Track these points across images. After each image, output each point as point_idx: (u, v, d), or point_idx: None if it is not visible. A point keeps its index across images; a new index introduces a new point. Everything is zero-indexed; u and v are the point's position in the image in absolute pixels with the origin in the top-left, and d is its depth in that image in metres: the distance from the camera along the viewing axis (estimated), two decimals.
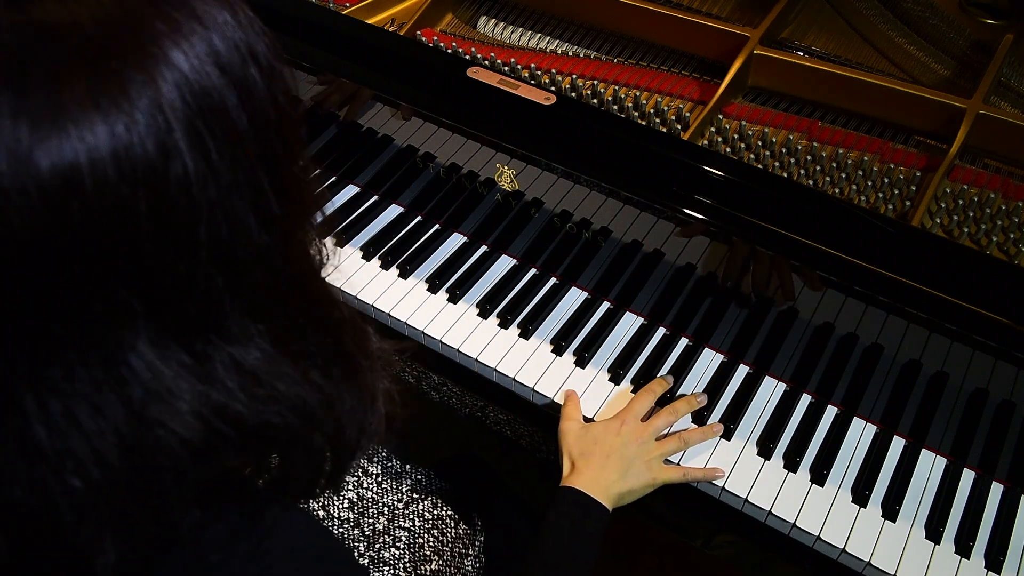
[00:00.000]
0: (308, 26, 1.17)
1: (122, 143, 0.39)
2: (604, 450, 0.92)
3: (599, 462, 0.91)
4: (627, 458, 0.92)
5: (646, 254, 1.07)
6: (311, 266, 0.52)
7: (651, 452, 0.94)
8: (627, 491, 0.92)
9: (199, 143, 0.41)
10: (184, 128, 0.41)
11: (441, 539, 1.07)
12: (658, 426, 0.96)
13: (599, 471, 0.91)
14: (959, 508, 0.93)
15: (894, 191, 1.03)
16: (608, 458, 0.91)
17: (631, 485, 0.91)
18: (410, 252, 1.19)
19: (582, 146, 1.02)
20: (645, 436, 0.94)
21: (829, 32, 1.22)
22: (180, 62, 0.41)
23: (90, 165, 0.38)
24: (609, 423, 0.95)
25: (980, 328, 0.85)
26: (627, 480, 0.91)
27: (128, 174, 0.39)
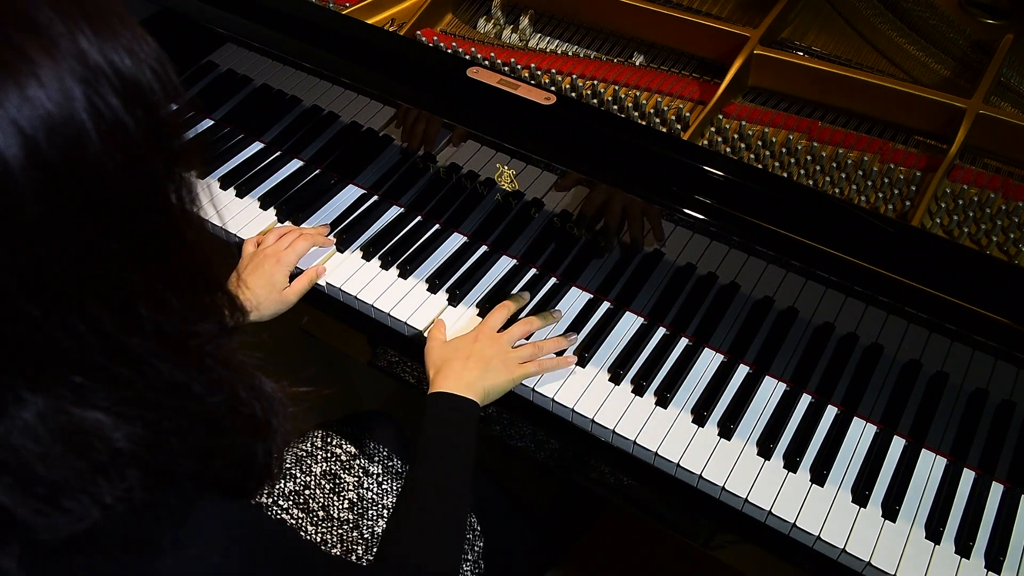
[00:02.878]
0: (308, 26, 1.17)
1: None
2: (463, 354, 0.99)
3: (460, 364, 0.97)
4: (486, 358, 0.98)
5: (646, 254, 1.07)
6: (148, 329, 0.47)
7: (508, 354, 1.00)
8: (491, 386, 0.97)
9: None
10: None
11: None
12: (513, 335, 1.02)
13: (461, 372, 0.96)
14: (959, 508, 0.93)
15: (894, 191, 1.03)
16: (468, 360, 0.98)
17: (493, 381, 0.97)
18: (410, 252, 1.19)
19: (582, 146, 1.02)
20: (501, 341, 1.01)
21: (829, 32, 1.22)
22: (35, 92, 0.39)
23: None
24: (466, 335, 1.03)
25: (980, 328, 0.85)
26: (488, 376, 0.97)
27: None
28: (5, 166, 0.38)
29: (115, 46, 0.42)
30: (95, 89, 0.41)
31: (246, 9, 1.20)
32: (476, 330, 1.03)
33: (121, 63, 0.42)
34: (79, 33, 0.41)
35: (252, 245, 1.14)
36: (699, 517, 1.01)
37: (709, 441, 0.98)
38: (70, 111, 0.40)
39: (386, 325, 1.14)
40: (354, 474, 1.10)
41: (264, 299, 1.07)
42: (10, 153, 0.38)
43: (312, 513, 1.06)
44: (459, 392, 0.95)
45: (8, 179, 0.38)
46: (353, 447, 1.13)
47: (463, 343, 1.01)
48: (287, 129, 1.34)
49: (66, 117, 0.39)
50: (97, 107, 0.41)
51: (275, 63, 1.25)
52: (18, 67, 0.39)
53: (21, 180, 0.38)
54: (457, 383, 0.96)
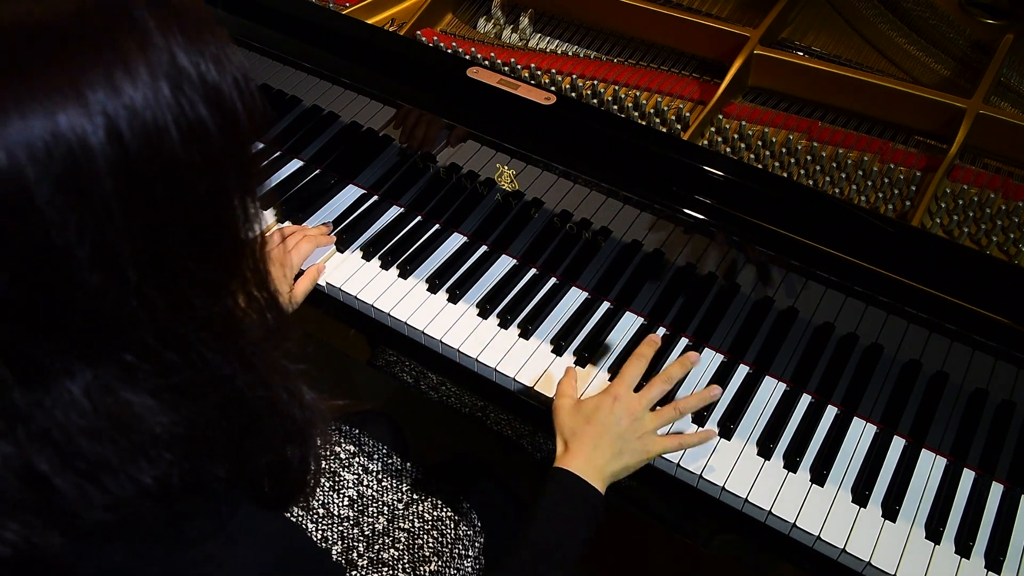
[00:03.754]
0: (308, 26, 1.17)
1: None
2: (597, 430, 0.90)
3: (591, 443, 0.89)
4: (620, 436, 0.90)
5: (646, 254, 1.07)
6: (202, 319, 0.49)
7: (645, 426, 0.91)
8: (621, 468, 0.90)
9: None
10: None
11: (441, 540, 1.07)
12: (652, 396, 0.93)
13: (592, 452, 0.88)
14: (959, 508, 0.93)
15: (894, 191, 1.03)
16: (601, 438, 0.89)
17: (625, 463, 0.90)
18: (410, 252, 1.19)
19: (582, 146, 1.02)
20: (639, 410, 0.91)
21: (829, 32, 1.22)
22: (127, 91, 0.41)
23: None
24: (602, 398, 0.92)
25: (980, 328, 0.85)
26: (621, 458, 0.89)
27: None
28: (90, 152, 0.41)
29: (203, 54, 0.45)
30: (181, 90, 0.44)
31: (246, 9, 1.20)
32: (611, 391, 0.92)
33: (207, 71, 0.45)
34: (171, 36, 0.44)
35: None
36: (699, 517, 1.01)
37: (709, 441, 0.98)
38: (155, 106, 0.43)
39: (386, 325, 1.14)
40: (354, 472, 1.10)
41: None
42: (97, 141, 0.41)
43: (312, 511, 1.06)
44: (587, 477, 0.87)
45: (91, 164, 0.41)
46: (352, 445, 1.13)
47: (597, 413, 0.91)
48: (287, 129, 1.34)
49: (151, 111, 0.42)
50: (181, 106, 0.44)
51: (275, 63, 1.25)
52: (119, 65, 0.42)
53: (103, 166, 0.41)
54: (586, 466, 0.88)
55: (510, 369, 1.05)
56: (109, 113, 0.41)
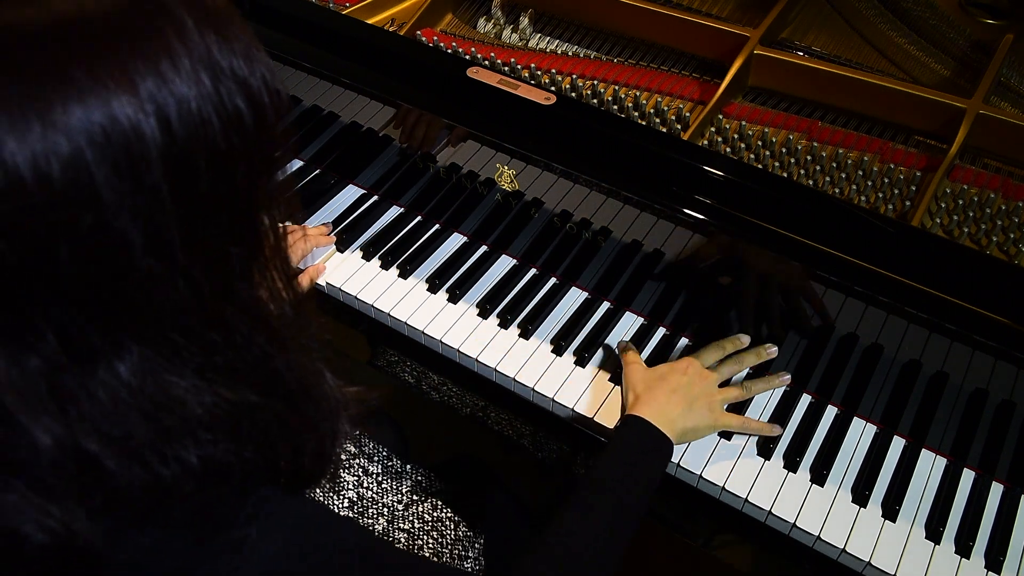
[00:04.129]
0: (308, 26, 1.17)
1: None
2: (670, 385, 0.93)
3: (664, 396, 0.92)
4: (692, 395, 0.93)
5: (646, 254, 1.07)
6: (242, 303, 0.52)
7: (714, 395, 0.95)
8: (691, 428, 0.92)
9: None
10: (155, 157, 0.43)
11: (441, 541, 1.07)
12: (723, 373, 0.97)
13: (665, 404, 0.91)
14: (959, 508, 0.93)
15: (894, 191, 1.03)
16: (674, 393, 0.92)
17: (695, 422, 0.92)
18: (410, 252, 1.19)
19: (582, 146, 1.02)
20: (710, 380, 0.95)
21: (829, 32, 1.22)
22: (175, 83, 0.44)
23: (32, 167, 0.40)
24: (676, 363, 0.97)
25: (980, 328, 0.85)
26: (691, 416, 0.92)
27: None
28: (143, 139, 0.43)
29: (235, 51, 0.47)
30: (220, 82, 0.46)
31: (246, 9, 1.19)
32: (685, 361, 0.97)
33: (239, 66, 0.47)
34: (207, 32, 0.46)
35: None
36: (699, 517, 1.01)
37: (709, 441, 0.98)
38: (199, 97, 0.45)
39: (386, 325, 1.14)
40: (354, 473, 1.10)
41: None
42: (149, 129, 0.43)
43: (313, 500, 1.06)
44: (659, 425, 0.89)
45: (144, 151, 0.43)
46: (352, 447, 1.13)
47: (671, 373, 0.95)
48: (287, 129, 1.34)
49: (195, 101, 0.45)
50: (222, 97, 0.46)
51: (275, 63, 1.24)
52: (157, 49, 0.44)
53: (154, 154, 0.43)
54: (659, 415, 0.90)
55: (510, 369, 1.05)
56: (159, 102, 0.43)
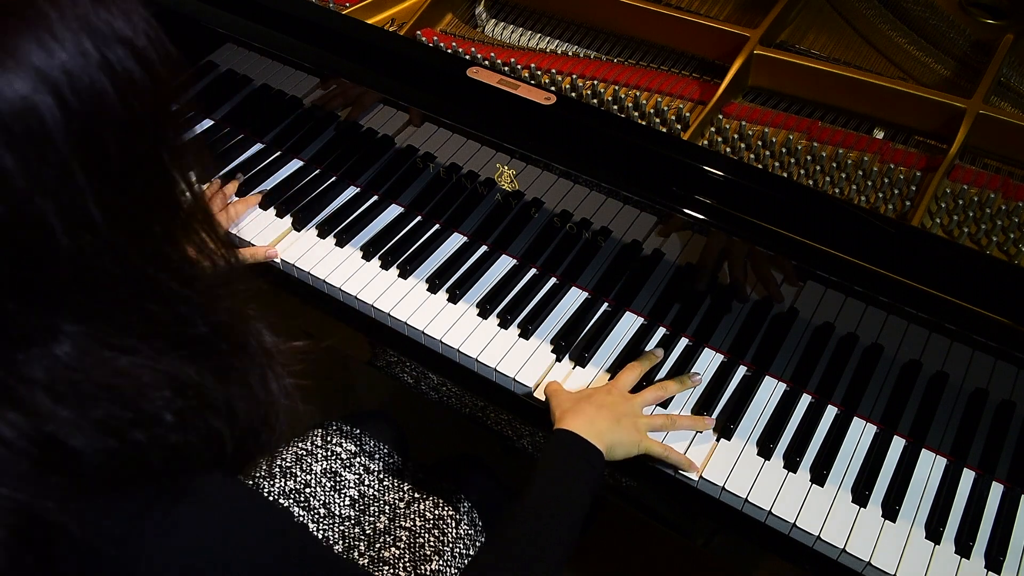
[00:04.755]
0: (308, 26, 1.17)
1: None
2: (594, 405, 0.94)
3: (593, 411, 0.93)
4: (618, 413, 0.94)
5: (646, 254, 1.07)
6: (172, 266, 0.52)
7: (639, 417, 0.96)
8: (617, 442, 0.92)
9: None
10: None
11: (442, 539, 1.07)
12: (646, 399, 0.98)
13: (593, 416, 0.92)
14: (959, 508, 0.93)
15: (894, 191, 1.03)
16: (601, 408, 0.93)
17: (621, 438, 0.92)
18: (410, 252, 1.19)
19: (582, 146, 1.02)
20: (634, 402, 0.96)
21: (829, 32, 1.22)
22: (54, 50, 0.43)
23: None
24: (598, 387, 0.99)
25: (980, 328, 0.85)
26: (618, 431, 0.92)
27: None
28: (37, 114, 0.42)
29: (112, 11, 0.46)
30: (107, 46, 0.45)
31: (246, 9, 1.20)
32: (608, 386, 0.98)
33: (121, 27, 0.46)
34: (82, 1, 0.45)
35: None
36: (699, 517, 1.01)
37: (709, 441, 0.98)
38: (86, 63, 0.44)
39: (386, 325, 1.14)
40: (355, 471, 1.10)
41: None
42: (42, 102, 0.42)
43: (313, 511, 1.06)
44: (587, 436, 0.89)
45: (41, 125, 0.42)
46: (353, 445, 1.13)
47: (596, 393, 0.96)
48: (287, 129, 1.34)
49: (84, 69, 0.44)
50: (110, 62, 0.45)
51: (275, 63, 1.25)
52: (34, 21, 0.43)
53: (52, 127, 0.42)
54: (587, 427, 0.90)
55: (510, 369, 1.05)
56: (49, 77, 0.42)
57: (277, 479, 1.08)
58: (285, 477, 1.08)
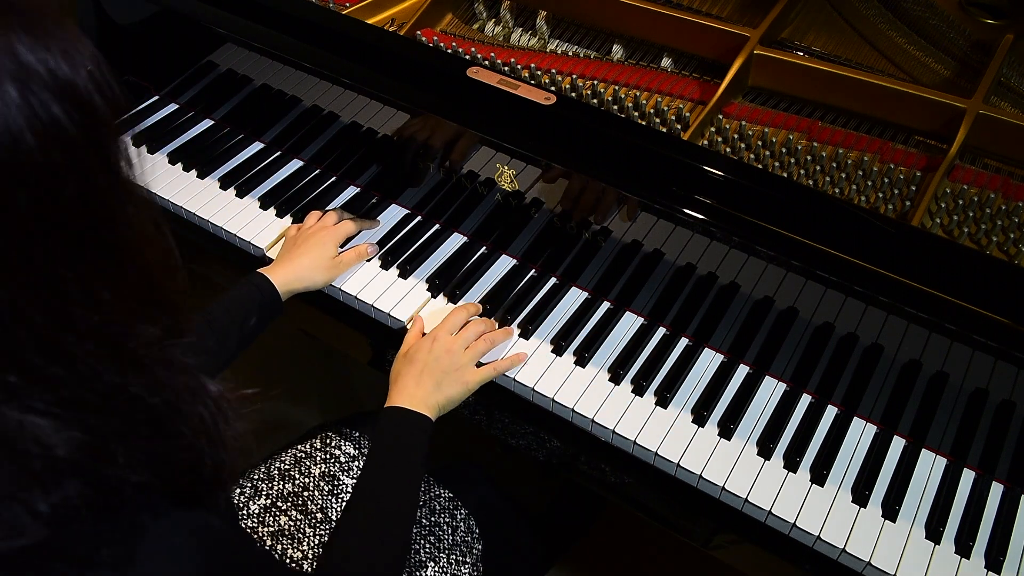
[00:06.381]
0: (308, 26, 1.17)
1: None
2: (417, 368, 0.99)
3: (414, 380, 0.99)
4: (439, 371, 0.99)
5: (646, 254, 1.07)
6: (95, 332, 0.47)
7: (462, 359, 1.01)
8: (445, 400, 0.99)
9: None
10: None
11: (438, 545, 1.06)
12: (467, 336, 1.04)
13: (414, 388, 0.98)
14: (959, 508, 0.93)
15: (894, 191, 1.03)
16: (421, 374, 0.99)
17: (447, 394, 0.99)
18: (410, 252, 1.19)
19: (582, 146, 1.02)
20: (455, 346, 1.02)
21: (829, 32, 1.22)
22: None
23: None
24: (423, 341, 1.03)
25: (980, 328, 0.85)
26: (442, 390, 0.99)
27: None
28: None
29: (50, 49, 0.42)
30: (30, 89, 0.41)
31: (246, 9, 1.20)
32: (432, 333, 1.03)
33: (57, 66, 0.42)
34: (12, 35, 0.41)
35: (294, 230, 1.19)
36: (699, 517, 1.01)
37: (709, 441, 0.98)
38: (7, 115, 0.40)
39: (386, 325, 1.14)
40: (353, 476, 1.10)
41: (316, 268, 1.11)
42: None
43: (311, 515, 1.06)
44: (412, 407, 0.96)
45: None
46: (352, 448, 1.13)
47: (418, 353, 1.01)
48: (287, 129, 1.34)
49: (2, 121, 0.40)
50: (32, 107, 0.41)
51: (275, 63, 1.25)
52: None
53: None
54: (411, 399, 0.97)
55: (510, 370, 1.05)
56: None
57: (276, 481, 1.08)
58: (283, 480, 1.08)
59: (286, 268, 1.09)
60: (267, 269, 1.09)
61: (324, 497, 1.07)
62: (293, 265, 1.10)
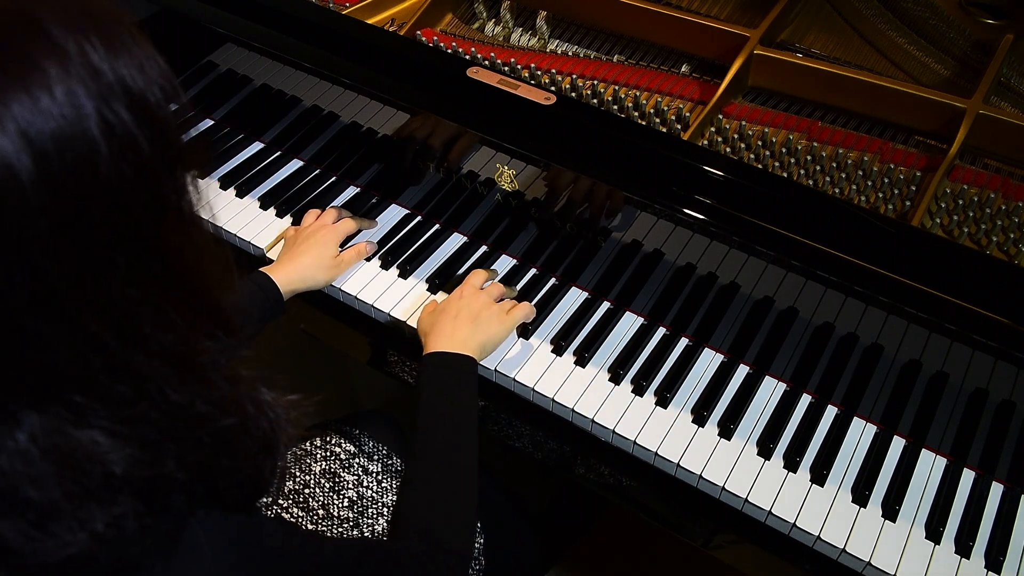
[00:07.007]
0: (308, 26, 1.17)
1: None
2: (451, 313, 1.00)
3: (449, 324, 0.98)
4: (474, 311, 1.00)
5: (646, 254, 1.07)
6: (163, 351, 0.46)
7: (493, 306, 1.02)
8: (486, 339, 0.99)
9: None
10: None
11: None
12: (493, 293, 1.05)
13: (452, 331, 0.98)
14: (959, 508, 0.93)
15: (894, 191, 1.03)
16: (456, 318, 0.99)
17: (487, 332, 0.99)
18: (410, 252, 1.19)
19: (582, 146, 1.02)
20: (484, 295, 1.03)
21: (829, 32, 1.22)
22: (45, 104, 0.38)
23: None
24: (451, 294, 1.04)
25: (980, 328, 0.85)
26: (481, 330, 0.99)
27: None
28: (15, 178, 0.37)
29: (126, 63, 0.42)
30: (107, 104, 0.40)
31: (246, 9, 1.20)
32: (459, 288, 1.05)
33: (131, 80, 0.42)
34: (90, 48, 0.40)
35: (292, 230, 1.18)
36: (699, 517, 1.01)
37: (709, 441, 0.98)
38: (82, 125, 0.39)
39: (385, 325, 1.14)
40: (354, 472, 1.10)
41: (318, 267, 1.11)
42: (22, 165, 0.37)
43: (312, 511, 1.06)
44: (454, 350, 0.95)
45: (18, 192, 0.37)
46: (352, 446, 1.13)
47: (448, 303, 1.02)
48: (287, 129, 1.34)
49: (78, 131, 0.39)
50: (109, 122, 0.40)
51: (275, 63, 1.25)
52: (30, 77, 0.38)
53: (31, 193, 0.37)
54: (451, 341, 0.96)
55: (510, 369, 1.05)
56: (33, 138, 0.37)
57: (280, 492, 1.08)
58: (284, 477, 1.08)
59: (288, 267, 1.09)
60: (269, 268, 1.08)
61: (325, 494, 1.08)
62: (295, 264, 1.10)
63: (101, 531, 0.46)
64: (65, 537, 0.45)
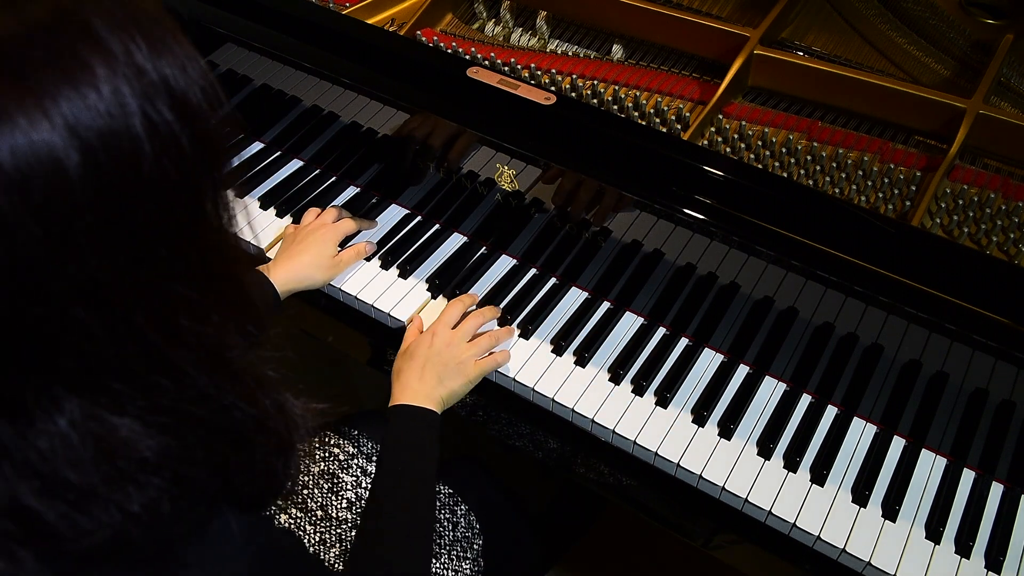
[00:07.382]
0: (308, 26, 1.17)
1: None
2: (419, 363, 1.00)
3: (416, 375, 0.99)
4: (440, 365, 0.99)
5: (646, 254, 1.07)
6: (193, 342, 0.48)
7: (464, 353, 1.01)
8: (448, 394, 0.99)
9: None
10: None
11: (439, 542, 1.06)
12: (467, 329, 1.03)
13: (417, 384, 0.98)
14: (959, 508, 0.93)
15: (894, 191, 1.03)
16: (423, 369, 0.99)
17: (450, 387, 0.99)
18: (410, 252, 1.19)
19: (582, 146, 1.02)
20: (455, 339, 1.02)
21: (829, 32, 1.22)
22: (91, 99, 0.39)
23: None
24: (423, 336, 1.03)
25: (980, 328, 0.85)
26: (445, 384, 0.99)
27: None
28: (63, 172, 0.38)
29: (168, 63, 0.43)
30: (151, 103, 0.41)
31: (246, 9, 1.20)
32: (431, 329, 1.04)
33: (174, 80, 0.43)
34: (135, 47, 0.41)
35: (291, 229, 1.19)
36: (699, 517, 1.01)
37: (709, 441, 0.98)
38: (127, 123, 0.40)
39: (386, 325, 1.14)
40: (352, 474, 1.10)
41: (317, 266, 1.11)
42: (70, 160, 0.38)
43: (311, 513, 1.06)
44: (417, 403, 0.96)
45: (66, 186, 0.38)
46: (351, 447, 1.13)
47: (418, 349, 1.01)
48: (287, 129, 1.34)
49: (123, 128, 0.40)
50: (152, 120, 0.41)
51: (275, 63, 1.25)
52: (78, 75, 0.39)
53: (78, 188, 0.39)
54: (415, 395, 0.97)
55: (510, 369, 1.05)
56: (78, 130, 0.38)
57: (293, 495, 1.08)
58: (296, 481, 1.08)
59: (286, 266, 1.09)
60: (266, 267, 1.08)
61: (324, 495, 1.07)
62: (293, 263, 1.10)
63: (137, 511, 0.47)
64: (103, 518, 0.46)
